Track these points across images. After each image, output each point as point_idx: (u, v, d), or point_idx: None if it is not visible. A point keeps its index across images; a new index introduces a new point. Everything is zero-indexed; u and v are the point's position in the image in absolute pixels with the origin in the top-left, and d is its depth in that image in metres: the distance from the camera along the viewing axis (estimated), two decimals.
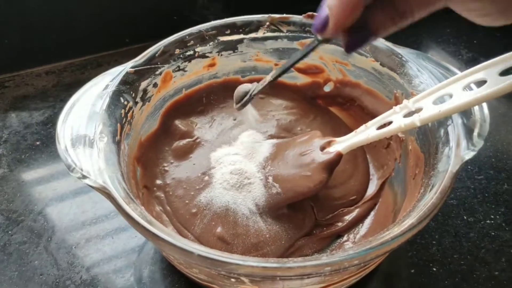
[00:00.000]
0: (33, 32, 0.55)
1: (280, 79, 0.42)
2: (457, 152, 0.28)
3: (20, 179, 0.44)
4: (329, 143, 0.36)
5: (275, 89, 0.44)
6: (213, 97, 0.43)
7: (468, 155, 0.28)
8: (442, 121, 0.31)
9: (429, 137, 0.33)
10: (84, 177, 0.27)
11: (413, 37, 0.66)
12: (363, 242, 0.24)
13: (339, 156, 0.34)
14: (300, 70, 0.43)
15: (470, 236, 0.39)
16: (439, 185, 0.27)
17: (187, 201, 0.36)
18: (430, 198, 0.26)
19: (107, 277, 0.36)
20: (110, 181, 0.27)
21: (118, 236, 0.39)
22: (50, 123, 0.50)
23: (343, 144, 0.34)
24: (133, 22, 0.60)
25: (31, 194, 0.43)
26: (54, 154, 0.47)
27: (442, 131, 0.31)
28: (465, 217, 0.40)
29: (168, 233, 0.24)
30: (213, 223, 0.34)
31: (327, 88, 0.44)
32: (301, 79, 0.44)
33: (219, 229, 0.34)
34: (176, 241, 0.24)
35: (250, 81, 0.35)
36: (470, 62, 0.61)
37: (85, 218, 0.40)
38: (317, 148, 0.35)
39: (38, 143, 0.48)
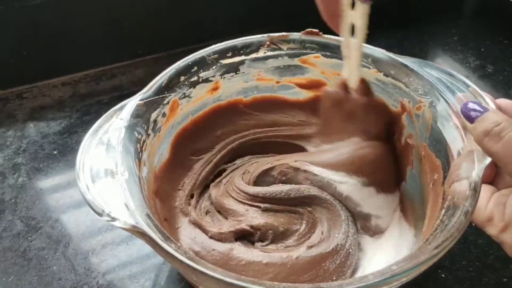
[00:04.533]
0: (50, 44, 0.57)
1: (282, 95, 0.44)
2: (479, 156, 0.29)
3: (38, 187, 0.46)
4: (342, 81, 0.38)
5: (278, 104, 0.45)
6: (218, 120, 0.43)
7: (488, 160, 0.28)
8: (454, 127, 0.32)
9: (443, 142, 0.33)
10: (114, 219, 0.26)
11: (420, 44, 0.67)
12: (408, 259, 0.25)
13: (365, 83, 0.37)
14: (302, 86, 0.44)
15: (478, 242, 0.40)
16: (463, 198, 0.27)
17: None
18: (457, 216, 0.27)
19: (122, 282, 0.37)
20: (142, 220, 0.26)
21: (133, 242, 0.40)
22: (67, 132, 0.52)
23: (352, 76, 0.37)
24: (145, 34, 0.62)
25: (49, 201, 0.44)
26: (70, 163, 0.48)
27: (456, 134, 0.32)
28: (473, 224, 0.40)
29: (212, 269, 0.24)
30: None
31: None
32: (304, 94, 0.44)
33: None
34: (224, 276, 0.23)
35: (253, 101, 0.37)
36: (477, 69, 0.61)
37: (101, 225, 0.42)
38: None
39: (55, 152, 0.50)
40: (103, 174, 0.29)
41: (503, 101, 0.31)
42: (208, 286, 0.26)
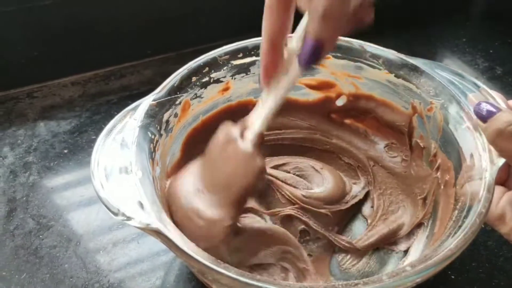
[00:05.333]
0: (59, 44, 0.57)
1: (291, 95, 0.43)
2: (491, 158, 0.29)
3: (49, 186, 0.46)
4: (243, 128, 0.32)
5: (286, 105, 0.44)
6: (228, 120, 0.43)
7: (501, 161, 0.29)
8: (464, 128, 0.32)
9: (455, 144, 0.33)
10: (129, 218, 0.26)
11: (428, 46, 0.67)
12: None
13: (261, 138, 0.31)
14: (311, 87, 0.44)
15: (488, 244, 0.40)
16: (476, 200, 0.27)
17: None
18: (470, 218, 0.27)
19: (133, 280, 0.38)
20: (157, 219, 0.26)
21: (143, 241, 0.40)
22: (77, 132, 0.52)
23: (256, 124, 0.31)
24: (154, 34, 0.62)
25: (60, 200, 0.45)
26: (81, 162, 0.49)
27: (468, 136, 0.32)
28: (483, 226, 0.40)
29: (228, 268, 0.24)
30: None
31: (340, 102, 0.44)
32: (313, 95, 0.44)
33: None
34: (239, 275, 0.23)
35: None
36: (486, 71, 0.61)
37: (112, 223, 0.42)
38: (237, 140, 0.31)
39: (65, 151, 0.50)
40: (117, 172, 0.29)
41: None
42: (222, 285, 0.26)
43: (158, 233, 0.26)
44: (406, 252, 0.38)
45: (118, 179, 0.29)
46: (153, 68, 0.62)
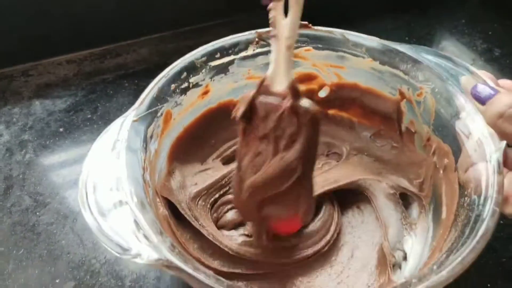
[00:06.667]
0: (54, 22, 0.56)
1: None
2: (493, 140, 0.28)
3: (45, 164, 0.46)
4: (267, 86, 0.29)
5: None
6: (211, 125, 0.42)
7: (503, 143, 0.28)
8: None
9: (450, 127, 0.33)
10: (136, 255, 0.24)
11: (427, 27, 0.66)
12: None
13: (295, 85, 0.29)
14: None
15: None
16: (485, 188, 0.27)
17: None
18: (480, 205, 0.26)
19: None
20: (168, 253, 0.24)
21: None
22: (72, 110, 0.52)
23: (283, 82, 0.29)
24: (150, 13, 0.61)
25: (56, 178, 0.45)
26: (77, 140, 0.49)
27: (464, 119, 0.31)
28: None
29: None
30: None
31: (323, 94, 0.43)
32: None
33: None
34: None
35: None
36: (484, 53, 0.61)
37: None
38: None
39: (61, 129, 0.50)
40: (113, 207, 0.26)
41: (505, 82, 0.31)
42: None
43: (173, 268, 0.24)
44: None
45: (115, 214, 0.26)
46: (149, 47, 0.61)
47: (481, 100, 0.29)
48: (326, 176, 0.40)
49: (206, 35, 0.38)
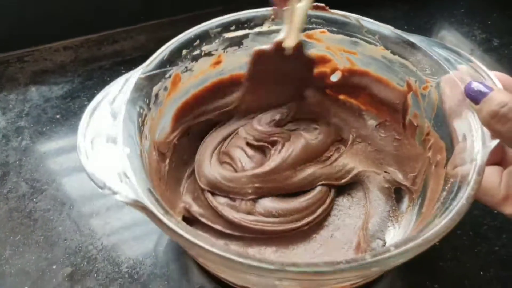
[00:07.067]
0: (51, 7, 0.56)
1: None
2: (483, 139, 0.28)
3: (42, 151, 0.46)
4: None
5: None
6: (220, 94, 0.43)
7: (494, 143, 0.28)
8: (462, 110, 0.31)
9: (449, 124, 0.32)
10: (115, 193, 0.26)
11: (426, 17, 0.66)
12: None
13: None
14: None
15: (473, 213, 0.41)
16: (466, 182, 0.27)
17: None
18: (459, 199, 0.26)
19: (126, 243, 0.39)
20: (144, 195, 0.26)
21: None
22: (69, 97, 0.52)
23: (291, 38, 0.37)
24: None
25: (53, 164, 0.45)
26: (73, 127, 0.49)
27: (462, 118, 0.31)
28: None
29: (212, 244, 0.24)
30: None
31: (334, 78, 0.43)
32: None
33: None
34: (223, 252, 0.23)
35: None
36: (483, 43, 0.61)
37: None
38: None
39: (58, 116, 0.50)
40: (105, 141, 0.29)
41: (499, 75, 0.30)
42: (208, 261, 0.27)
43: (143, 208, 0.25)
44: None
45: (105, 148, 0.28)
46: (146, 34, 0.61)
47: (475, 99, 0.28)
48: (331, 171, 0.40)
49: (204, 22, 0.38)
